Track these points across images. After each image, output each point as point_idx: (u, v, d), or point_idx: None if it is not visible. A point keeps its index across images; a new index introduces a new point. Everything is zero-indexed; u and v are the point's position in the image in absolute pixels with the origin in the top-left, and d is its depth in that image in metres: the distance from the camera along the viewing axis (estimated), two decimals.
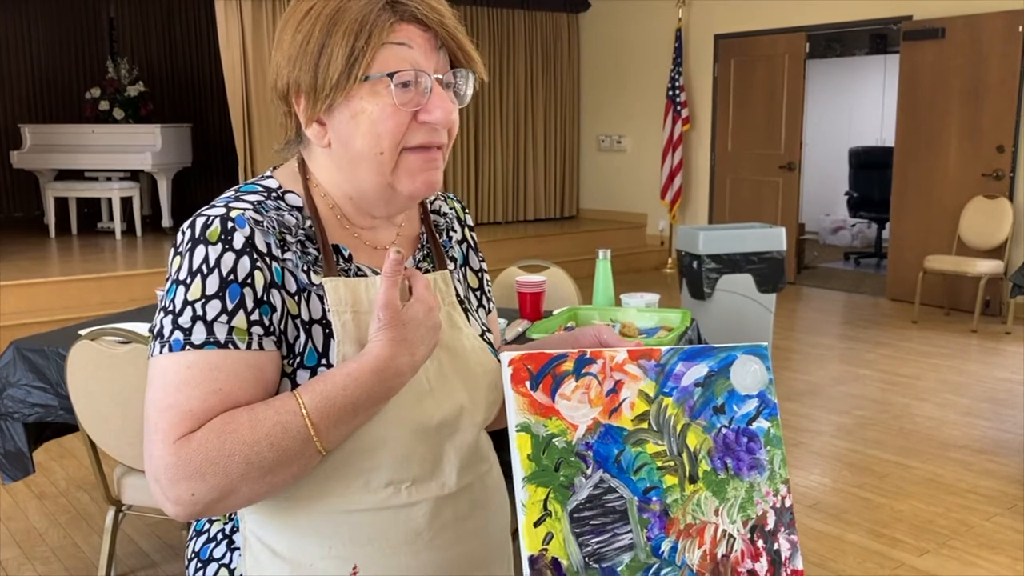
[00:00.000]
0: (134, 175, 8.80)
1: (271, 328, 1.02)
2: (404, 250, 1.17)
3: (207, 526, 1.15)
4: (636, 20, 9.43)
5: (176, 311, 1.00)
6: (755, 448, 1.08)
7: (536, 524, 1.00)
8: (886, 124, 10.01)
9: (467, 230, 1.29)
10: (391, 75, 1.03)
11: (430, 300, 1.06)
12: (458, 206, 1.29)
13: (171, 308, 1.01)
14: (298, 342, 1.04)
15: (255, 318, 1.01)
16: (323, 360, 1.04)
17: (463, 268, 1.25)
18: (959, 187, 6.97)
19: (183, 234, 1.03)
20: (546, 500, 1.01)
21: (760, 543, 1.04)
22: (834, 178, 10.62)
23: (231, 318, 0.99)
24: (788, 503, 1.06)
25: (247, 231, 1.02)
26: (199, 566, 1.13)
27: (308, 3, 1.05)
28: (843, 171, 10.25)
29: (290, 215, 1.08)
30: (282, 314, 1.03)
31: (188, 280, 1.00)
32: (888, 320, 6.82)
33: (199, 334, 0.99)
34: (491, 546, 1.19)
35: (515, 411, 1.02)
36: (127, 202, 8.57)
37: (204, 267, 1.00)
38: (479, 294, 1.27)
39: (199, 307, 0.99)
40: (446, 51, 1.07)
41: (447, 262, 1.21)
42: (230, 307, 1.00)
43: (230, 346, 0.99)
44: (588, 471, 1.04)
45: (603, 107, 9.99)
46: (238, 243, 1.01)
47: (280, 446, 0.97)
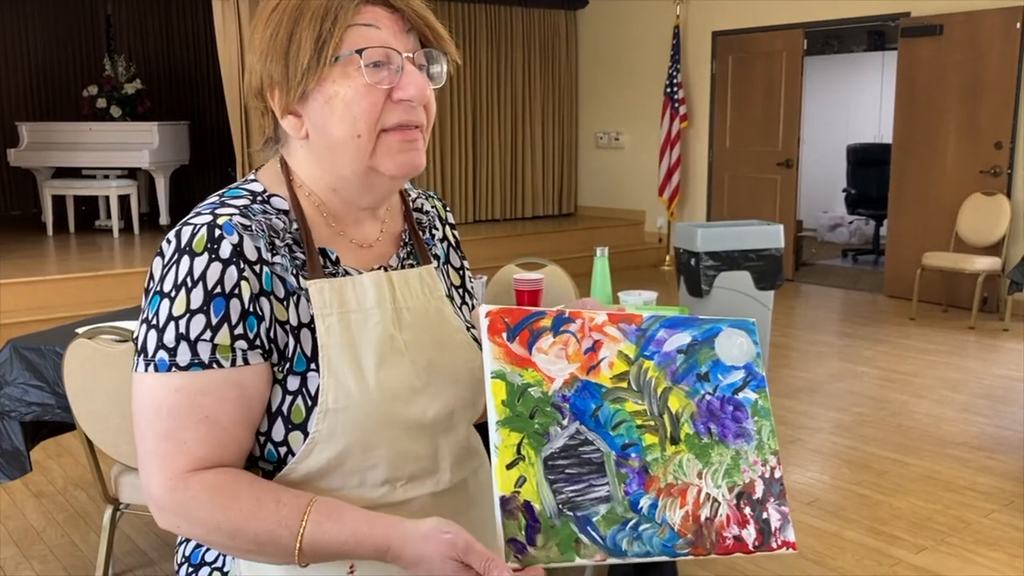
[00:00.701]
0: (131, 173, 8.79)
1: (256, 341, 1.02)
2: (387, 247, 1.17)
3: None
4: (634, 17, 9.42)
5: (160, 326, 1.00)
6: (741, 417, 1.06)
7: (508, 467, 0.98)
8: (884, 121, 10.01)
9: (448, 228, 1.29)
10: (360, 52, 1.03)
11: None
12: (439, 205, 1.29)
13: (155, 322, 1.01)
14: (288, 348, 1.04)
15: (239, 332, 1.01)
16: (312, 365, 1.04)
17: (445, 266, 1.26)
18: (957, 184, 6.97)
19: (168, 243, 1.02)
20: (520, 445, 0.99)
21: (747, 510, 1.02)
22: (832, 175, 10.61)
23: (215, 335, 1.00)
24: (778, 474, 1.05)
25: (235, 238, 1.01)
26: (190, 571, 1.13)
27: (274, 1, 1.07)
28: (841, 168, 10.25)
29: (277, 218, 1.07)
30: (270, 323, 1.03)
31: (172, 293, 1.00)
32: (886, 317, 6.83)
33: (184, 355, 0.99)
34: (486, 541, 1.19)
35: (491, 359, 1.01)
36: (124, 200, 8.55)
37: (189, 280, 1.00)
38: (461, 291, 1.27)
39: (183, 324, 0.99)
40: (415, 33, 1.08)
41: (431, 259, 1.21)
42: (214, 322, 1.00)
43: (214, 365, 0.99)
44: (564, 422, 1.01)
45: (601, 104, 9.98)
46: (225, 252, 1.00)
47: (262, 547, 0.98)
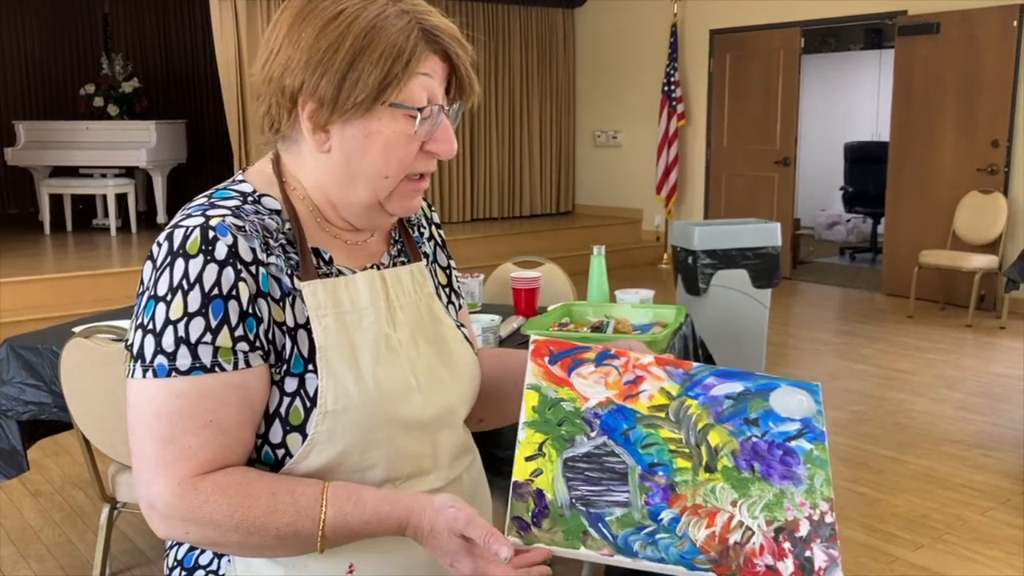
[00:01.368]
0: (129, 171, 8.78)
1: (256, 342, 1.00)
2: (379, 245, 1.17)
3: None
4: (631, 15, 9.42)
5: (157, 331, 0.97)
6: (792, 462, 1.02)
7: (527, 459, 0.98)
8: (881, 119, 10.01)
9: (434, 228, 1.29)
10: (420, 109, 1.02)
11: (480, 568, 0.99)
12: (425, 205, 1.29)
13: (151, 327, 0.97)
14: (285, 349, 1.03)
15: (239, 334, 0.98)
16: (309, 366, 1.03)
17: (433, 265, 1.26)
18: (954, 182, 6.97)
19: (159, 247, 0.99)
20: (542, 444, 1.00)
21: (787, 545, 0.97)
22: (829, 173, 10.61)
23: (215, 337, 0.97)
24: (828, 520, 1.00)
25: (229, 240, 0.99)
26: (183, 574, 1.11)
27: (337, 5, 1.01)
28: (838, 166, 10.25)
29: (270, 219, 1.06)
30: (268, 324, 1.01)
31: (168, 297, 0.97)
32: (883, 315, 6.83)
33: (184, 359, 0.96)
34: None
35: (530, 376, 1.04)
36: (122, 199, 8.55)
37: (184, 282, 0.97)
38: (448, 290, 1.27)
39: (181, 327, 0.96)
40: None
41: (420, 256, 1.22)
42: (214, 324, 0.97)
43: (216, 369, 0.97)
44: (592, 434, 1.01)
45: (599, 103, 9.98)
46: (220, 254, 0.98)
47: (285, 540, 0.98)
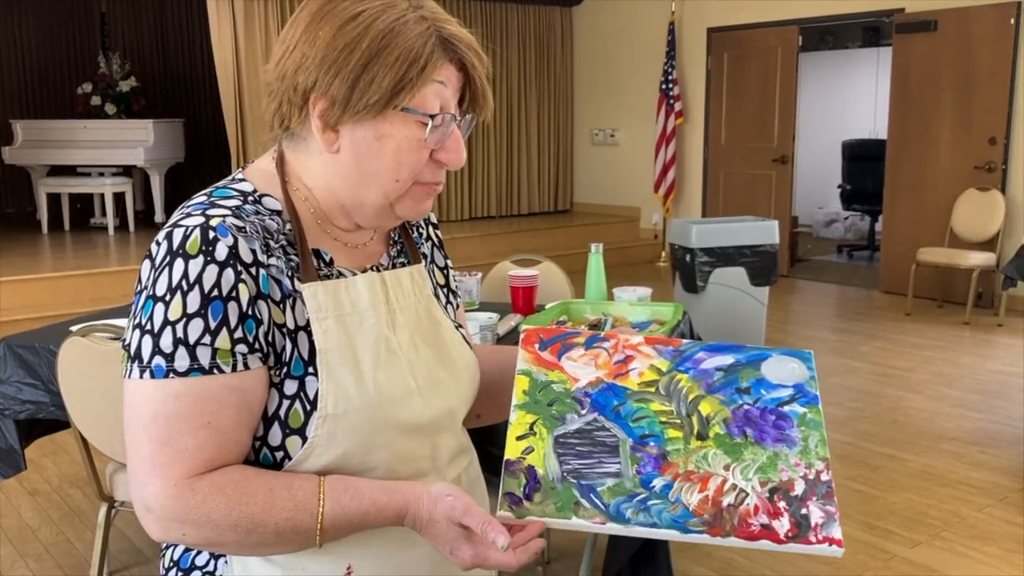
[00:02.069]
0: (127, 170, 8.78)
1: (256, 344, 0.99)
2: (378, 247, 1.17)
3: None
4: (629, 13, 9.42)
5: (155, 331, 0.96)
6: (785, 426, 1.04)
7: (519, 438, 1.00)
8: (879, 117, 10.02)
9: (431, 228, 1.29)
10: (432, 116, 1.02)
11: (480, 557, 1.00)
12: None
13: (148, 327, 0.96)
14: (285, 352, 1.02)
15: (239, 336, 0.97)
16: (309, 369, 1.02)
17: (431, 265, 1.26)
18: (951, 179, 6.98)
19: (158, 246, 0.98)
20: (533, 423, 1.02)
21: (782, 504, 0.99)
22: (827, 171, 10.62)
23: (214, 338, 0.96)
24: (824, 478, 1.01)
25: (230, 240, 0.98)
26: (179, 575, 1.10)
27: (357, 6, 1.01)
28: (836, 164, 10.26)
29: (270, 219, 1.05)
30: (268, 326, 1.00)
31: (167, 297, 0.96)
32: (881, 312, 6.84)
33: (182, 360, 0.95)
34: None
35: (520, 362, 1.07)
36: (120, 198, 8.55)
37: (184, 283, 0.96)
38: (446, 291, 1.27)
39: (180, 328, 0.95)
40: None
41: (420, 257, 1.22)
42: (212, 326, 0.96)
43: (215, 371, 0.96)
44: (582, 411, 1.03)
45: (596, 101, 9.98)
46: (221, 254, 0.97)
47: (284, 536, 0.98)
